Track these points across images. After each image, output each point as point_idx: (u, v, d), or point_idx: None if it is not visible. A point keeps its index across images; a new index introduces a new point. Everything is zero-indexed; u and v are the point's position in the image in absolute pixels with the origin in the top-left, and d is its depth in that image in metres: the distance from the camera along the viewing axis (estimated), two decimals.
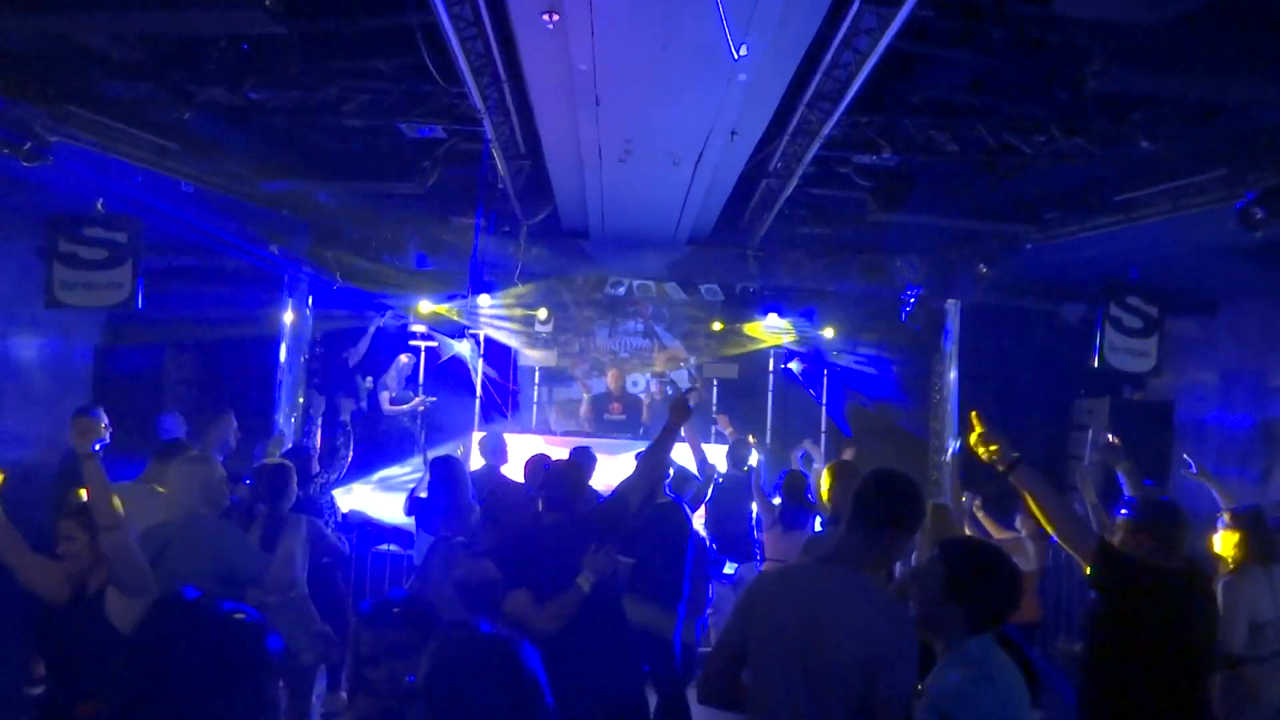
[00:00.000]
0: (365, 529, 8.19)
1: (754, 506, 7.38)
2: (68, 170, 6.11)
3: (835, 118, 5.44)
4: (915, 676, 2.64)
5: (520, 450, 6.92)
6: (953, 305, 9.87)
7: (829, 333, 10.66)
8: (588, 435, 9.35)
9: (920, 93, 5.90)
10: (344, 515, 7.32)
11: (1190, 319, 8.86)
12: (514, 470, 6.49)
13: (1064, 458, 10.03)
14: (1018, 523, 6.44)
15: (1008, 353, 9.82)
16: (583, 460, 5.59)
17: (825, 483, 4.47)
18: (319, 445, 9.44)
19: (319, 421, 9.56)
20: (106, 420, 6.32)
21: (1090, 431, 6.23)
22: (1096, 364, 7.35)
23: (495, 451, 6.81)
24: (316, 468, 6.76)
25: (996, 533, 6.29)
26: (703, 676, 3.03)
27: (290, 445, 7.51)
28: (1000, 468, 3.23)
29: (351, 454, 8.09)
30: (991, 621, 2.64)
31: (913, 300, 9.51)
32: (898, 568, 3.60)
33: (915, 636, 2.68)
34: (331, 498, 6.83)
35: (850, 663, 2.65)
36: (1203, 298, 8.86)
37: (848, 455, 8.39)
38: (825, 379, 11.06)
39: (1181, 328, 8.78)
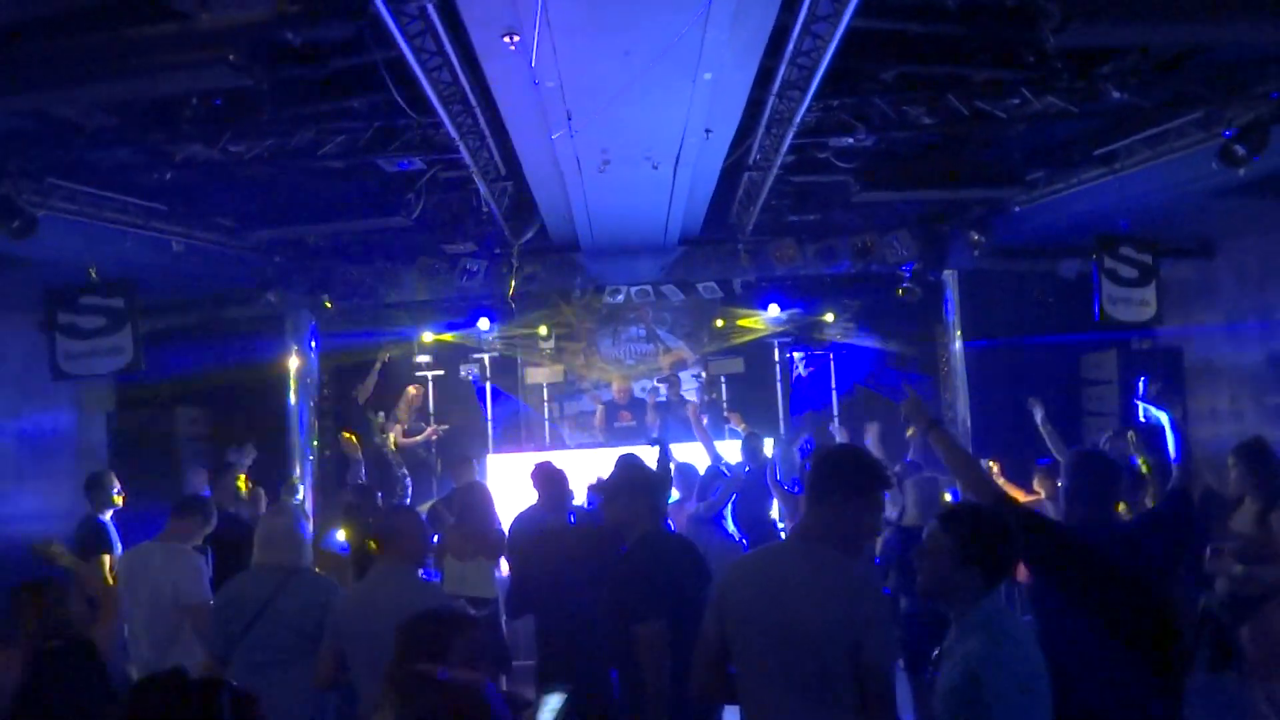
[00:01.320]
0: None
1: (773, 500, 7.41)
2: (58, 242, 6.20)
3: (805, 104, 5.46)
4: (895, 644, 2.69)
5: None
6: (950, 276, 9.87)
7: (829, 318, 10.67)
8: (601, 446, 9.40)
9: (888, 70, 5.92)
10: None
11: (1188, 262, 8.83)
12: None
13: (1079, 414, 10.00)
14: (1035, 484, 6.46)
15: (1010, 317, 9.80)
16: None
17: None
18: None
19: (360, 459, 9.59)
20: (118, 486, 6.45)
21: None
22: (1098, 319, 7.33)
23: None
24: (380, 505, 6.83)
25: (1017, 495, 6.29)
26: (691, 674, 3.00)
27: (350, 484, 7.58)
28: (922, 426, 3.57)
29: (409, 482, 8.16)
30: (1002, 577, 2.68)
31: (909, 276, 9.51)
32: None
33: (888, 606, 2.78)
34: None
35: (828, 639, 2.68)
36: (1198, 240, 8.83)
37: (873, 433, 8.42)
38: (832, 365, 11.07)
39: (1181, 272, 8.75)
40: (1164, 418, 3.95)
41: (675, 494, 6.36)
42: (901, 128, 6.30)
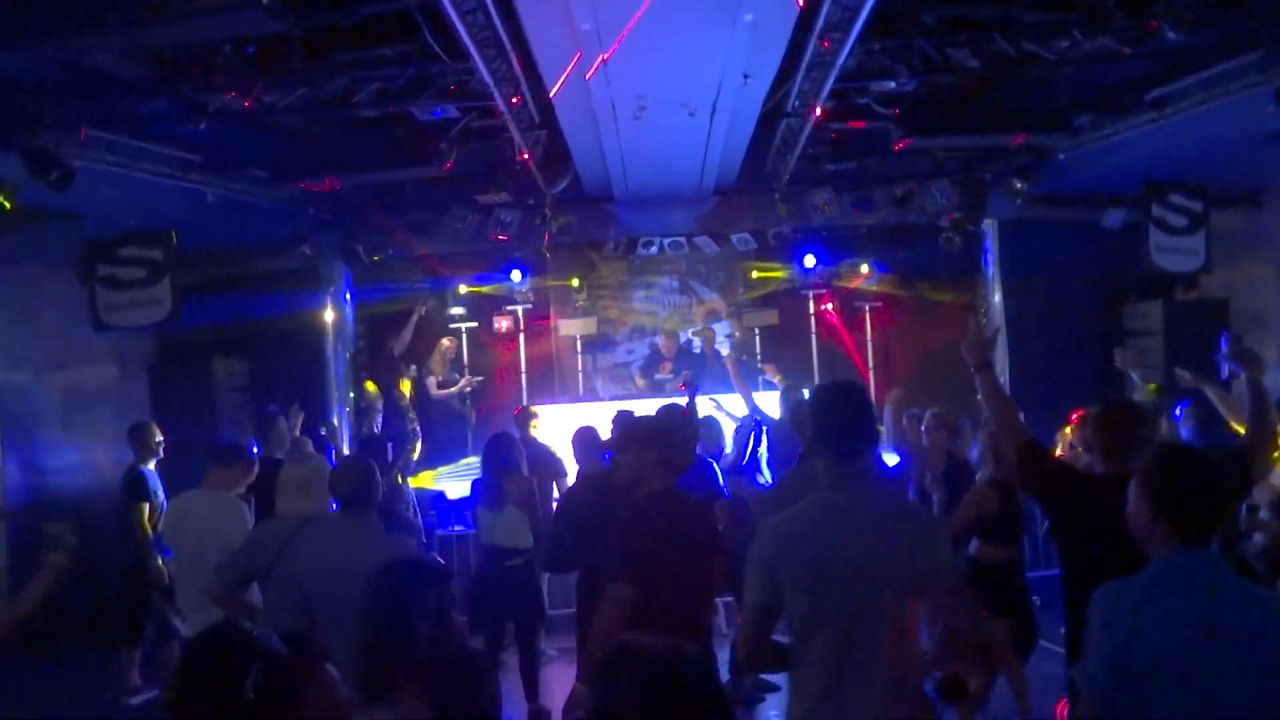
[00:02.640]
0: (442, 509, 8.44)
1: None
2: (96, 194, 6.22)
3: (848, 47, 5.33)
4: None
5: (570, 421, 6.96)
6: (990, 225, 9.67)
7: (864, 269, 10.52)
8: (637, 397, 9.39)
9: (933, 11, 5.76)
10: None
11: (1236, 212, 8.59)
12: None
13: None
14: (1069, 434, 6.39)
15: (1052, 267, 9.58)
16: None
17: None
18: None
19: (378, 408, 9.66)
20: (161, 436, 6.55)
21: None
22: (1145, 267, 7.16)
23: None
24: (390, 456, 6.88)
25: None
26: (742, 643, 2.87)
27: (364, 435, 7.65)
28: (973, 361, 3.46)
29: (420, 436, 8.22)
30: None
31: (948, 225, 9.34)
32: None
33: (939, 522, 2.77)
34: (407, 485, 6.96)
35: (898, 576, 2.66)
36: (1248, 189, 8.58)
37: (892, 400, 8.31)
38: (869, 318, 10.93)
39: (1229, 221, 8.52)
40: (1248, 374, 3.80)
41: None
42: (945, 71, 6.14)
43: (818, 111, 6.47)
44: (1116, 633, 2.34)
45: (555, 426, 7.80)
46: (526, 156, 7.20)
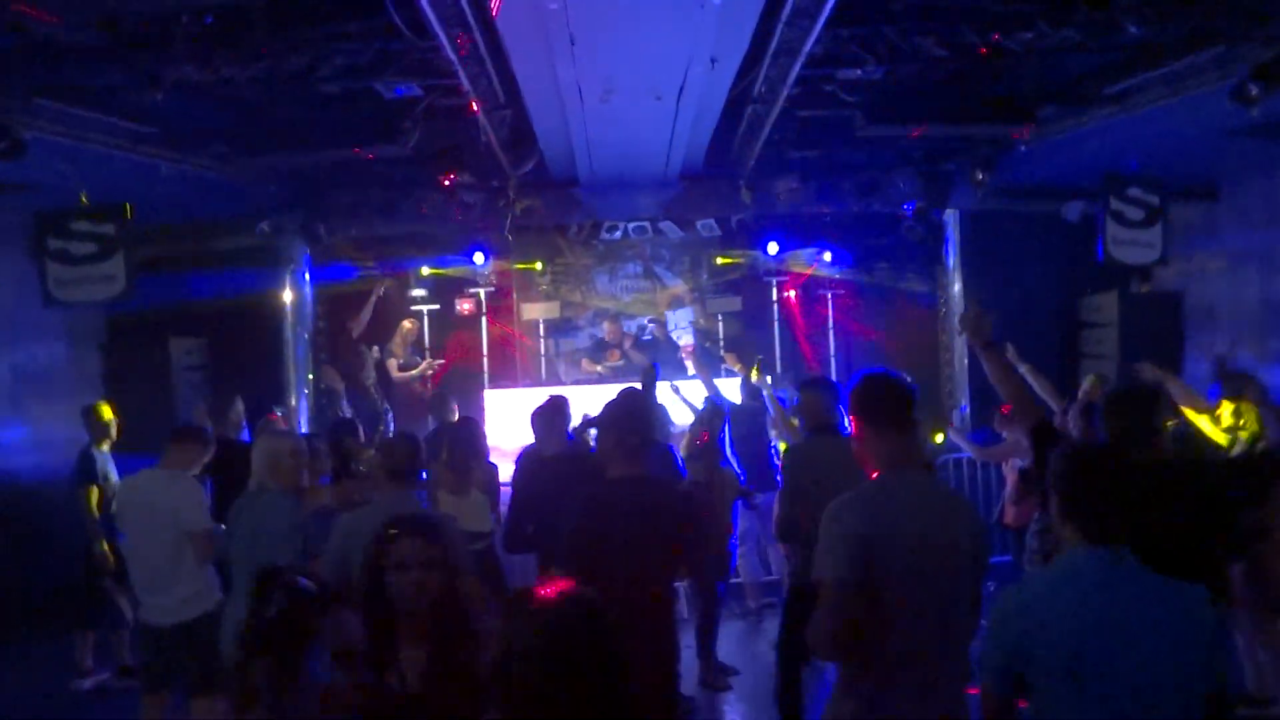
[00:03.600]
0: None
1: (773, 434, 7.47)
2: (46, 165, 6.06)
3: (815, 33, 5.31)
4: None
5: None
6: (951, 215, 9.77)
7: (827, 257, 10.57)
8: (598, 382, 9.39)
9: None
10: None
11: (1192, 205, 8.75)
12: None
13: (1077, 357, 9.99)
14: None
15: (1011, 258, 9.72)
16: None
17: None
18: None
19: (341, 391, 9.56)
20: (114, 417, 6.43)
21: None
22: (1101, 259, 7.27)
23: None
24: (363, 438, 6.80)
25: None
26: (825, 628, 2.60)
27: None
28: (979, 343, 3.45)
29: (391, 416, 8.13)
30: None
31: (910, 215, 9.41)
32: None
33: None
34: None
35: (964, 560, 2.71)
36: (1204, 182, 8.73)
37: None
38: (830, 305, 11.01)
39: (1184, 215, 8.67)
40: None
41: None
42: (912, 60, 6.15)
43: (783, 98, 6.47)
44: (1010, 628, 2.41)
45: (515, 411, 7.77)
46: (491, 139, 7.13)
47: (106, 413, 6.48)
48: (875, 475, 2.81)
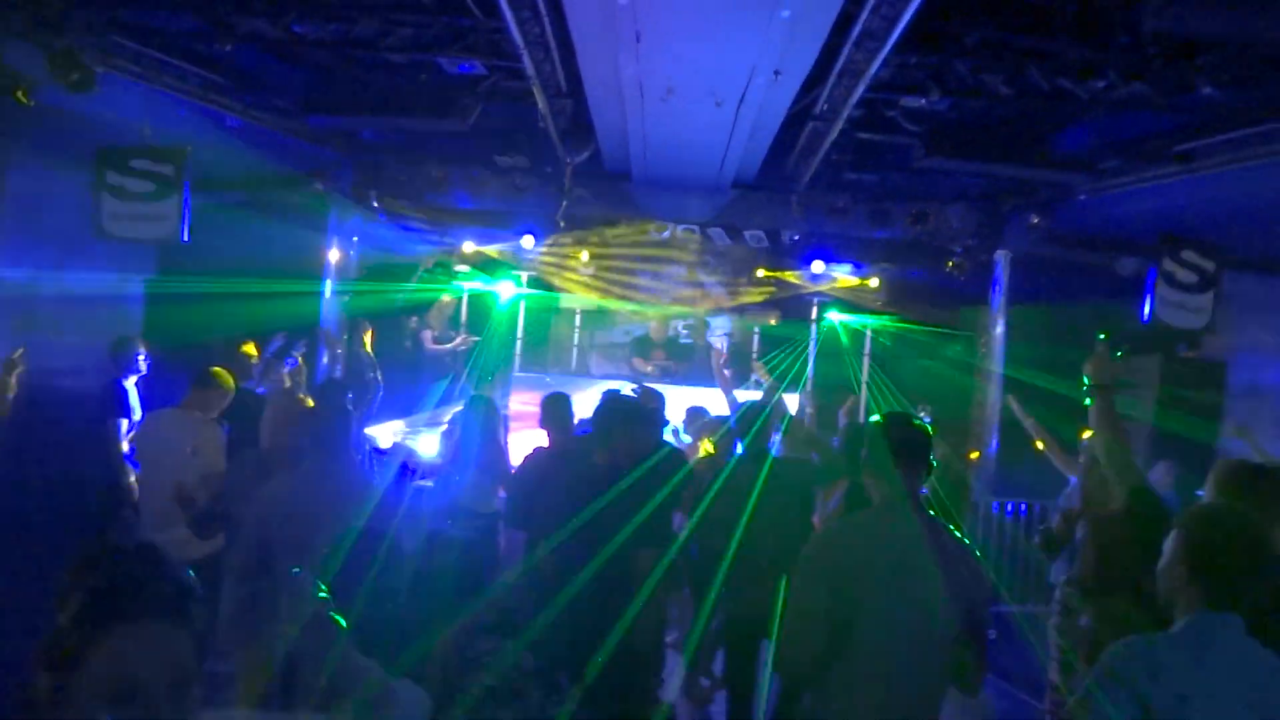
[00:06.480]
0: (404, 465, 8.35)
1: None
2: (115, 102, 6.18)
3: (882, 57, 5.27)
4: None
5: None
6: (1002, 256, 9.65)
7: (873, 283, 10.49)
8: (629, 378, 9.40)
9: (973, 33, 5.70)
10: (381, 449, 7.43)
11: (1250, 277, 8.56)
12: None
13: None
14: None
15: (1055, 306, 9.58)
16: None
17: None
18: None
19: (339, 353, 9.61)
20: (144, 353, 6.54)
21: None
22: (1147, 320, 7.14)
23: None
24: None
25: None
26: (789, 648, 2.75)
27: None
28: (1098, 385, 3.55)
29: (381, 382, 8.16)
30: None
31: (959, 251, 9.31)
32: None
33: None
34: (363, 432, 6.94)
35: (948, 605, 2.69)
36: (1263, 255, 8.55)
37: (849, 404, 8.25)
38: (868, 333, 10.93)
39: (1240, 285, 8.48)
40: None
41: None
42: (978, 95, 6.08)
43: (843, 118, 6.43)
44: (1137, 689, 2.33)
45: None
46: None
47: (137, 347, 6.60)
48: (869, 510, 2.85)
